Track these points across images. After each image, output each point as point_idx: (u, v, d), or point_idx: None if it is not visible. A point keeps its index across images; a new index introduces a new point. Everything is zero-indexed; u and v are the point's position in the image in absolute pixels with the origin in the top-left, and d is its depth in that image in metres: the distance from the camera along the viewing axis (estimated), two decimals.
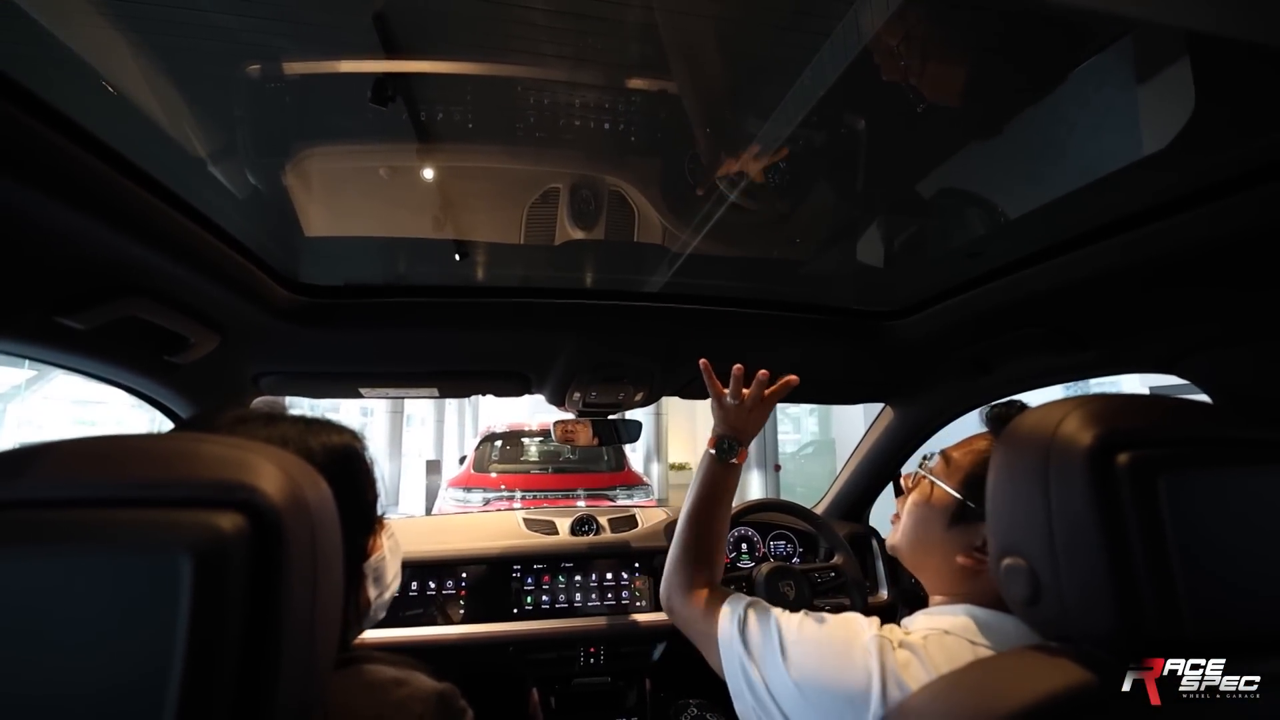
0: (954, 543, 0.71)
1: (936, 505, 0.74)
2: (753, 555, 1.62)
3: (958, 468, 0.74)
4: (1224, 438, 0.50)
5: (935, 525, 0.73)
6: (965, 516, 0.71)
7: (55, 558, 0.33)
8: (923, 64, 0.70)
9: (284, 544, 0.36)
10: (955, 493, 0.72)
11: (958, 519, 0.71)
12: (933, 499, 0.75)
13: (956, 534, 0.71)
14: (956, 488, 0.72)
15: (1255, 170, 0.56)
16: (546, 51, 0.76)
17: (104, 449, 0.37)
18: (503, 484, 4.82)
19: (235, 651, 0.33)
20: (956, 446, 0.77)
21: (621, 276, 1.22)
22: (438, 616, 1.41)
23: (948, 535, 0.72)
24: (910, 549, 0.77)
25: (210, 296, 0.84)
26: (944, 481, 0.74)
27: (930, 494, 0.76)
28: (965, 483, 0.72)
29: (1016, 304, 0.92)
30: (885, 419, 1.59)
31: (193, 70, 0.73)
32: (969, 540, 0.70)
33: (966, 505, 0.71)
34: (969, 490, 0.71)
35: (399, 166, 0.97)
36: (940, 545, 0.72)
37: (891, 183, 0.95)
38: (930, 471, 0.77)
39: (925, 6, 0.63)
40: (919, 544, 0.76)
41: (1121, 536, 0.45)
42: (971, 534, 0.70)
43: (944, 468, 0.76)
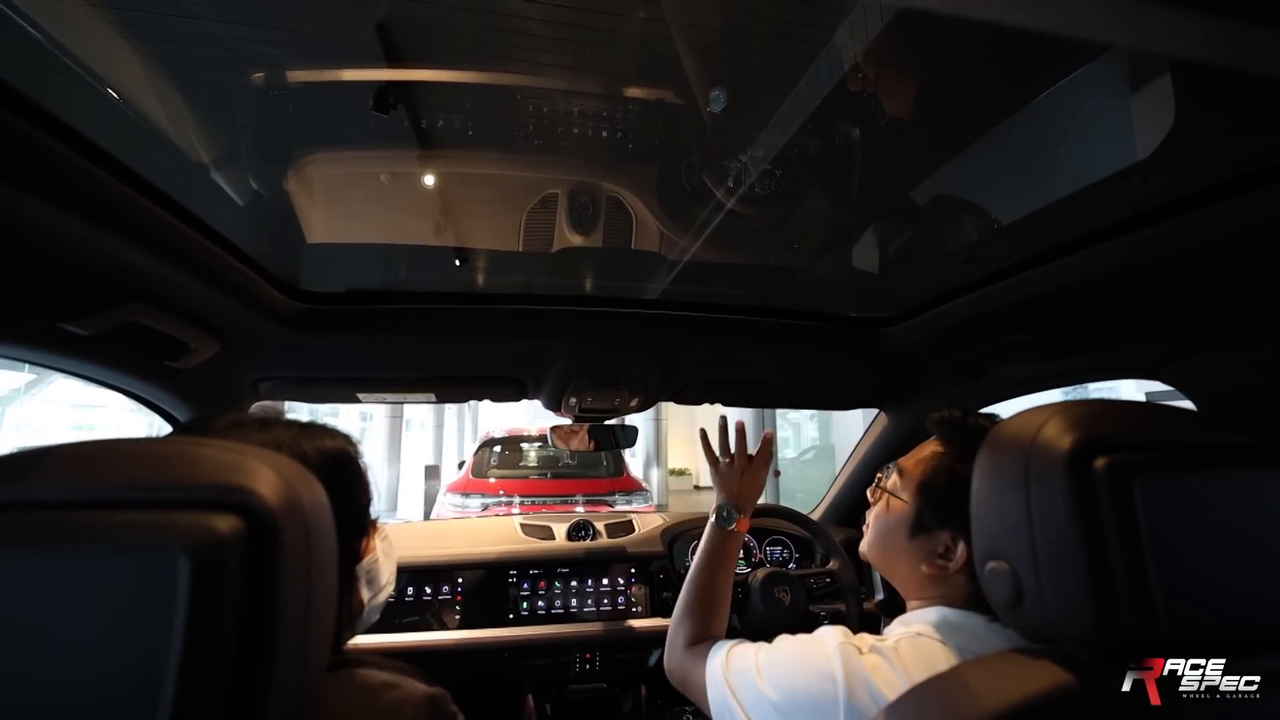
0: (917, 552, 0.71)
1: (896, 517, 0.75)
2: (748, 561, 1.62)
3: (910, 478, 0.74)
4: (1201, 442, 0.50)
5: (898, 536, 0.74)
6: (924, 526, 0.71)
7: (53, 558, 0.33)
8: (911, 76, 0.71)
9: (279, 546, 0.36)
10: (911, 503, 0.73)
11: (917, 529, 0.72)
12: (892, 511, 0.76)
13: (919, 544, 0.72)
14: (911, 499, 0.73)
15: (1239, 177, 0.57)
16: (546, 60, 0.77)
17: (102, 452, 0.38)
18: (501, 489, 4.80)
19: (230, 651, 0.34)
20: (909, 456, 0.78)
21: (619, 283, 1.23)
22: (433, 622, 1.40)
23: (910, 545, 0.72)
24: (879, 559, 0.79)
25: (211, 302, 0.85)
26: (900, 494, 0.75)
27: (889, 506, 0.76)
28: (919, 493, 0.72)
29: (1006, 310, 0.93)
30: (880, 424, 1.60)
31: (196, 78, 0.74)
32: (931, 548, 0.70)
33: (923, 515, 0.71)
34: (924, 499, 0.72)
35: (400, 173, 0.98)
36: (905, 555, 0.73)
37: (885, 190, 0.96)
38: (887, 484, 0.78)
39: (916, 19, 0.64)
40: (886, 554, 0.77)
41: (1099, 540, 0.46)
42: (933, 542, 0.70)
43: (898, 480, 0.77)
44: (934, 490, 0.71)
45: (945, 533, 0.69)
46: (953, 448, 0.71)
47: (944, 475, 0.70)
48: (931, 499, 0.71)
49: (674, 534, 1.59)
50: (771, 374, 1.40)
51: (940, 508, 0.70)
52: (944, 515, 0.69)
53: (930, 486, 0.71)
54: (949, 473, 0.70)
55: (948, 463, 0.71)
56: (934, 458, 0.73)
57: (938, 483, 0.71)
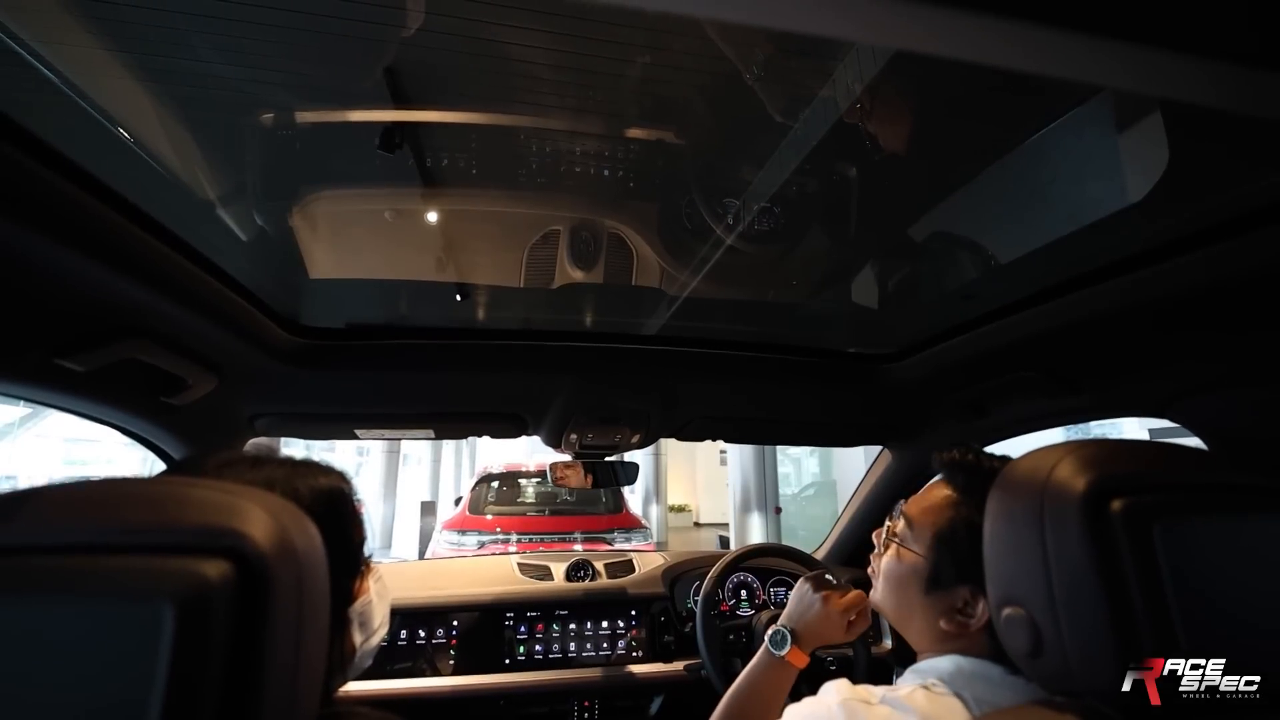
0: (935, 608, 0.67)
1: (910, 570, 0.70)
2: (752, 603, 1.58)
3: (923, 529, 0.70)
4: (1217, 483, 0.49)
5: (912, 590, 0.70)
6: (941, 582, 0.67)
7: (38, 605, 0.32)
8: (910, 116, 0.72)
9: (270, 591, 0.35)
10: (926, 557, 0.69)
11: (934, 584, 0.68)
12: (904, 562, 0.71)
13: (935, 599, 0.67)
14: (926, 552, 0.69)
15: (1244, 216, 0.58)
16: (549, 102, 0.79)
17: (91, 494, 0.37)
18: (498, 526, 4.73)
19: (215, 698, 0.33)
20: (916, 501, 0.74)
21: (619, 319, 1.23)
22: (426, 667, 1.36)
23: (927, 601, 0.68)
24: (892, 612, 0.74)
25: (210, 338, 0.85)
26: (913, 545, 0.71)
27: (901, 558, 0.72)
28: (935, 546, 0.68)
29: (1010, 347, 0.93)
30: (884, 462, 1.58)
31: (202, 118, 0.75)
32: (950, 604, 0.66)
33: (940, 569, 0.67)
34: (940, 553, 0.67)
35: (403, 210, 0.99)
36: (921, 610, 0.69)
37: (884, 227, 0.97)
38: (897, 535, 0.74)
39: (912, 63, 0.65)
40: (899, 608, 0.72)
41: (1120, 584, 0.44)
42: (951, 598, 0.66)
43: (908, 530, 0.72)
44: (952, 544, 0.67)
45: (964, 589, 0.65)
46: (969, 496, 0.67)
47: (964, 527, 0.66)
48: (950, 553, 0.66)
49: (676, 574, 1.55)
50: (773, 410, 1.39)
51: (959, 562, 0.66)
52: (963, 570, 0.65)
53: (948, 539, 0.67)
54: (969, 524, 0.65)
55: (966, 514, 0.66)
56: (948, 507, 0.68)
57: (956, 536, 0.66)
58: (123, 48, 0.64)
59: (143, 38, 0.64)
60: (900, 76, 0.67)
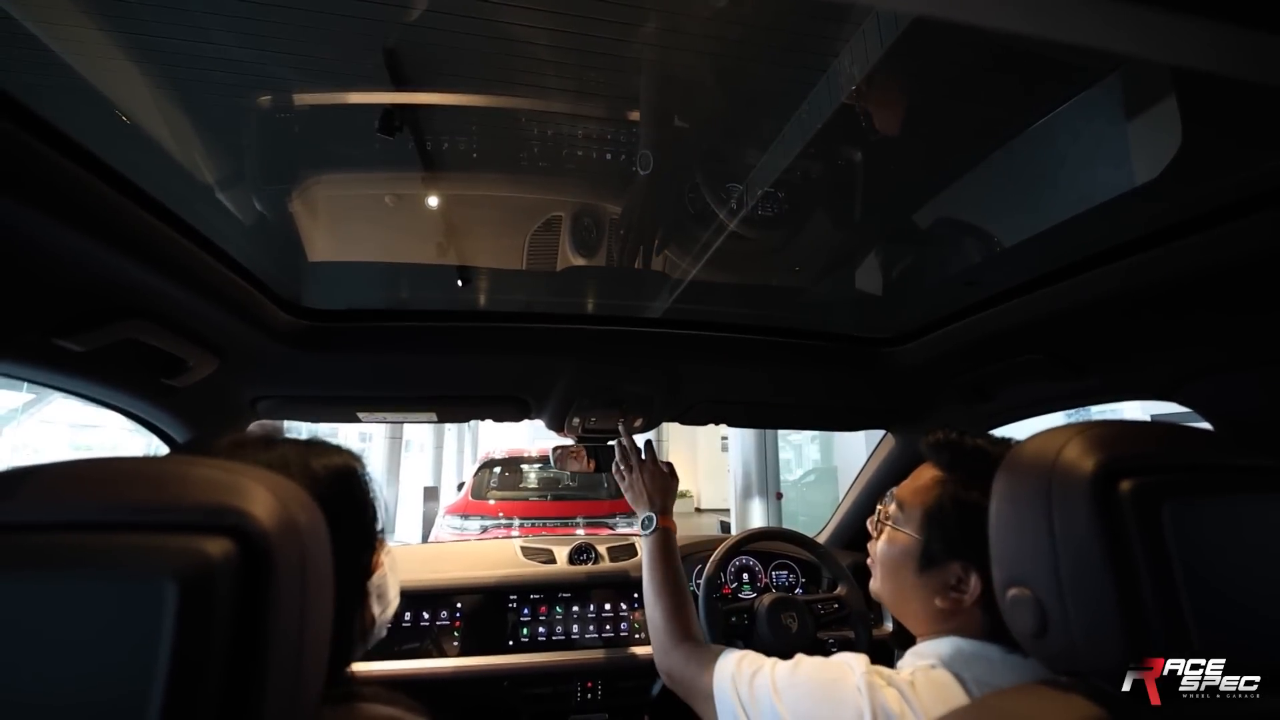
0: (928, 586, 0.69)
1: (903, 552, 0.72)
2: (754, 586, 1.59)
3: (912, 510, 0.72)
4: (1226, 464, 0.49)
5: (907, 572, 0.71)
6: (933, 559, 0.69)
7: (39, 582, 0.32)
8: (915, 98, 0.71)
9: (273, 570, 0.35)
10: (916, 536, 0.70)
11: (927, 563, 0.69)
12: (896, 545, 0.73)
13: (929, 578, 0.69)
14: (917, 531, 0.70)
15: (1250, 198, 0.57)
16: (550, 85, 0.78)
17: (94, 472, 0.37)
18: (501, 511, 4.76)
19: (219, 677, 0.33)
20: (905, 485, 0.75)
21: (622, 302, 1.22)
22: (432, 648, 1.37)
23: (920, 580, 0.70)
24: (889, 596, 0.76)
25: (211, 320, 0.84)
26: (903, 527, 0.72)
27: (893, 540, 0.74)
28: (924, 525, 0.70)
29: (1014, 330, 0.92)
30: (886, 446, 1.58)
31: (202, 99, 0.75)
32: (943, 581, 0.68)
33: (931, 547, 0.69)
34: (930, 531, 0.69)
35: (404, 194, 0.98)
36: (916, 590, 0.70)
37: (889, 211, 0.96)
38: (888, 518, 0.76)
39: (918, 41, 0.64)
40: (896, 591, 0.74)
41: (1128, 564, 0.44)
42: (944, 575, 0.68)
43: (899, 511, 0.74)
44: (941, 520, 0.68)
45: (956, 564, 0.67)
46: (954, 473, 0.69)
47: (950, 503, 0.68)
48: (939, 530, 0.68)
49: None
50: (777, 394, 1.39)
51: (949, 538, 0.68)
52: (953, 546, 0.67)
53: (936, 517, 0.69)
54: (955, 500, 0.68)
55: (952, 490, 0.68)
56: (936, 485, 0.70)
57: (944, 512, 0.68)
58: (124, 28, 0.64)
59: (144, 17, 0.63)
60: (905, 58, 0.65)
